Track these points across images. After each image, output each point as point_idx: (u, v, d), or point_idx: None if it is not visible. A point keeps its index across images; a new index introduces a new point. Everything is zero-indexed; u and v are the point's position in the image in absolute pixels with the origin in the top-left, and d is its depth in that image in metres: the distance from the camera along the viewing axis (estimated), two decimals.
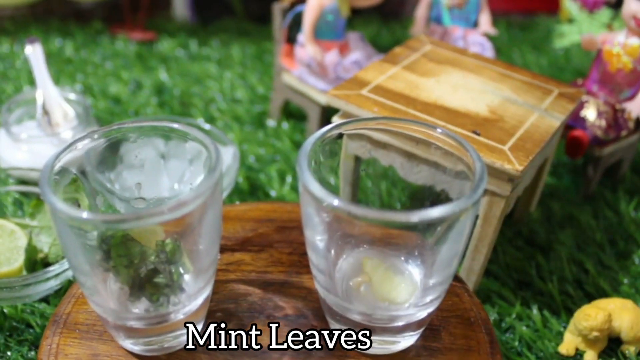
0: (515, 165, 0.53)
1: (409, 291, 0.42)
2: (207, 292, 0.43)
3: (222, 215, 0.48)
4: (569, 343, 0.59)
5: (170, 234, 0.41)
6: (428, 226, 0.39)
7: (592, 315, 0.57)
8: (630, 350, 0.58)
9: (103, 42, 1.05)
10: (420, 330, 0.44)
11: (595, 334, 0.56)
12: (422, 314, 0.42)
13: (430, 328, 0.46)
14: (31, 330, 0.55)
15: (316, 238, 0.41)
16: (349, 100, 0.59)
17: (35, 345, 0.54)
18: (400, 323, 0.42)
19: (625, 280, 0.68)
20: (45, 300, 0.57)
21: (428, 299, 0.42)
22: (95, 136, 0.42)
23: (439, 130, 0.43)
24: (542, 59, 1.18)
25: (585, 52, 1.23)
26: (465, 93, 0.62)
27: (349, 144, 0.54)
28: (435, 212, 0.36)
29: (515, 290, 0.65)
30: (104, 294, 0.41)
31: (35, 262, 0.57)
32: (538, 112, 0.61)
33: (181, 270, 0.42)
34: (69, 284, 0.58)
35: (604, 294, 0.65)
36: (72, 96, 0.71)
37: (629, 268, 0.70)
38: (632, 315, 0.59)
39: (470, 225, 0.39)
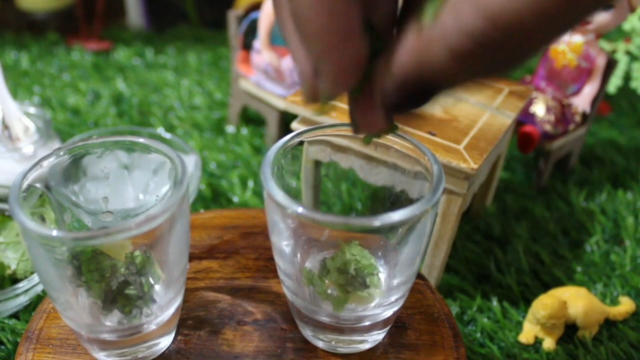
0: (470, 164, 0.55)
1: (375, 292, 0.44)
2: (178, 301, 0.44)
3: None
4: (528, 332, 0.61)
5: (139, 245, 0.42)
6: (390, 229, 0.40)
7: (548, 304, 0.59)
8: (585, 335, 0.61)
9: (59, 53, 1.04)
10: (387, 329, 0.46)
11: (552, 321, 0.59)
12: (388, 312, 0.44)
13: (396, 326, 0.47)
14: (2, 347, 0.55)
15: (282, 244, 0.42)
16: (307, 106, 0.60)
17: None
18: (367, 323, 0.43)
19: (579, 269, 0.71)
20: (15, 316, 0.57)
21: (393, 298, 0.43)
22: (61, 153, 0.43)
23: (398, 135, 0.44)
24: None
25: None
26: None
27: (309, 149, 0.56)
28: (396, 215, 0.37)
29: (475, 284, 0.67)
30: (76, 308, 0.42)
31: (3, 279, 0.57)
32: (490, 111, 0.63)
33: (151, 281, 0.43)
34: (38, 299, 0.59)
35: (560, 283, 0.68)
36: (32, 110, 0.71)
37: (581, 257, 0.73)
38: (586, 302, 0.62)
39: (430, 226, 0.41)
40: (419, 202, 0.38)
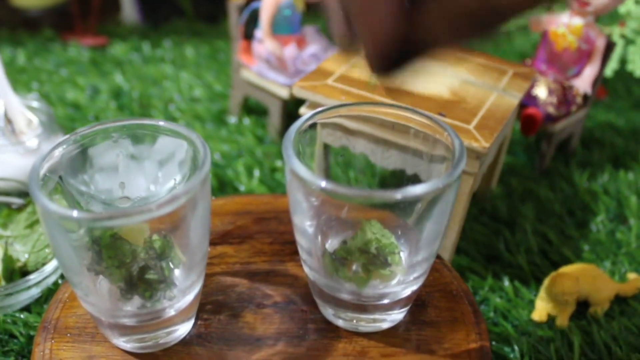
0: (482, 143, 0.55)
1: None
2: (199, 285, 0.44)
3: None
4: (540, 310, 0.61)
5: (156, 229, 0.42)
6: (411, 203, 0.40)
7: (561, 280, 0.60)
8: (597, 311, 0.62)
9: (55, 49, 1.03)
10: (408, 307, 0.46)
11: (565, 297, 0.59)
12: (409, 290, 0.44)
13: (416, 304, 0.47)
14: (15, 341, 0.55)
15: (305, 223, 0.42)
16: (316, 90, 0.60)
17: (21, 354, 0.54)
18: (389, 300, 0.43)
19: (586, 247, 0.71)
20: (26, 309, 0.57)
21: (414, 275, 0.43)
22: (77, 138, 0.43)
23: (415, 112, 0.44)
24: (486, 44, 1.22)
25: (525, 35, 1.27)
26: (426, 77, 0.65)
27: (321, 133, 0.56)
28: (418, 189, 0.37)
29: (486, 265, 0.67)
30: (97, 294, 0.41)
31: (13, 272, 0.56)
32: (497, 92, 0.64)
33: (172, 265, 0.42)
34: (49, 292, 0.58)
35: (568, 262, 0.68)
36: (35, 104, 0.70)
37: (588, 236, 0.73)
38: (596, 279, 0.62)
39: (452, 202, 0.41)
40: (443, 176, 0.38)
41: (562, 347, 0.58)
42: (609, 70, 0.97)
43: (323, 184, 0.37)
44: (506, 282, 0.65)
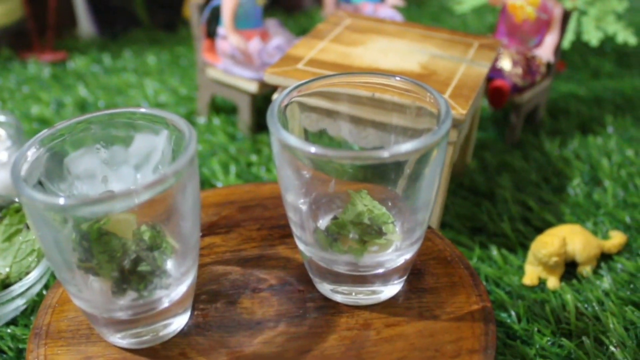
0: (459, 110, 0.55)
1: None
2: (193, 272, 0.43)
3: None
4: (530, 274, 0.62)
5: (144, 221, 0.41)
6: (398, 168, 0.40)
7: (549, 242, 0.60)
8: (586, 269, 0.62)
9: (14, 68, 1.01)
10: (405, 276, 0.46)
11: (554, 259, 0.60)
12: (407, 256, 0.43)
13: (413, 273, 0.47)
14: (4, 356, 0.53)
15: (298, 201, 0.42)
16: (288, 75, 0.60)
17: None
18: (386, 268, 0.43)
19: (567, 211, 0.72)
20: (12, 323, 0.55)
21: (409, 241, 0.43)
22: (55, 132, 0.42)
23: (395, 78, 0.44)
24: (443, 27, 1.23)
25: (479, 16, 1.29)
26: (394, 55, 0.65)
27: (296, 116, 0.55)
28: (405, 146, 0.37)
29: (472, 236, 0.68)
30: (90, 289, 0.40)
31: None
32: (465, 63, 0.64)
33: (164, 255, 0.41)
34: (34, 303, 0.57)
35: (551, 226, 0.69)
36: (2, 118, 0.69)
37: (566, 200, 0.74)
38: (582, 238, 0.63)
39: (442, 164, 0.41)
40: (428, 134, 0.38)
41: (557, 307, 0.58)
42: (566, 42, 0.99)
43: (313, 149, 0.37)
44: (494, 251, 0.65)
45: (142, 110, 0.42)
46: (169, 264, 0.42)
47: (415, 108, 0.45)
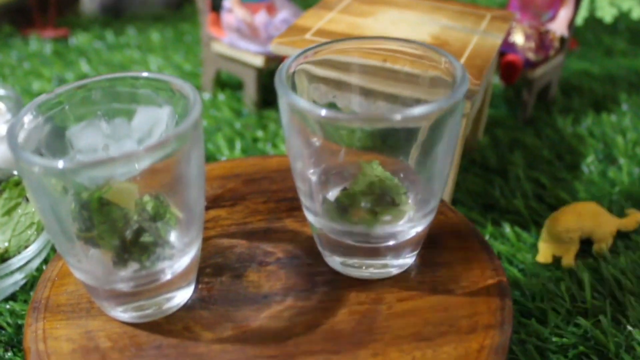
0: (472, 80, 0.53)
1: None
2: (197, 243, 0.41)
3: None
4: (545, 251, 0.60)
5: (146, 191, 0.39)
6: (411, 135, 0.38)
7: (564, 218, 0.58)
8: (602, 247, 0.60)
9: (15, 44, 0.99)
10: (418, 250, 0.44)
11: (570, 235, 0.58)
12: (419, 228, 0.42)
13: (425, 247, 0.46)
14: (3, 332, 0.52)
15: (308, 171, 0.40)
16: (296, 45, 0.58)
17: (10, 345, 0.51)
18: (398, 240, 0.41)
19: (581, 188, 0.70)
20: (11, 298, 0.54)
21: (423, 212, 0.41)
22: (59, 92, 0.40)
23: (409, 42, 0.42)
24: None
25: None
26: (405, 26, 0.63)
27: (304, 88, 0.53)
28: (420, 109, 0.35)
29: (484, 213, 0.66)
30: (90, 259, 0.39)
31: None
32: (478, 34, 0.62)
33: (168, 226, 0.40)
34: (33, 278, 0.55)
35: (565, 203, 0.67)
36: (1, 92, 0.67)
37: (581, 177, 0.72)
38: (597, 215, 0.61)
39: (457, 131, 0.39)
40: (444, 98, 0.36)
41: (572, 285, 0.57)
42: (580, 19, 0.97)
43: (323, 112, 0.35)
44: (507, 228, 0.63)
45: (145, 74, 0.40)
46: (173, 235, 0.40)
47: (428, 78, 0.43)
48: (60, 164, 0.33)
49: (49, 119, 0.40)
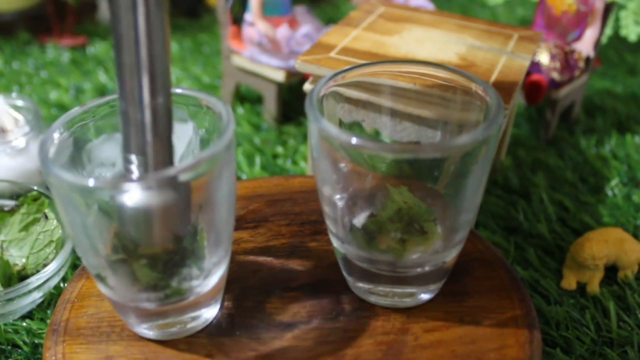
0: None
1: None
2: (225, 265, 0.40)
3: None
4: (569, 278, 0.59)
5: None
6: (443, 162, 0.37)
7: (590, 245, 0.57)
8: (628, 274, 0.59)
9: (33, 52, 0.99)
10: (445, 278, 0.43)
11: (596, 262, 0.57)
12: (447, 257, 0.41)
13: (452, 275, 0.45)
14: (19, 351, 0.51)
15: (335, 196, 0.39)
16: (320, 63, 0.57)
17: None
18: (426, 269, 0.41)
19: (605, 212, 0.69)
20: (28, 316, 0.53)
21: (452, 242, 0.40)
22: (90, 106, 0.39)
23: (440, 67, 0.42)
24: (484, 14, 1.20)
25: (510, 9, 1.25)
26: (431, 45, 0.62)
27: (332, 107, 0.53)
28: (461, 140, 0.34)
29: (507, 237, 0.65)
30: (117, 276, 0.38)
31: (11, 277, 0.52)
32: (506, 55, 0.61)
33: (197, 247, 0.39)
34: (51, 296, 0.54)
35: (589, 228, 0.66)
36: (20, 103, 0.66)
37: (605, 201, 0.71)
38: (624, 241, 0.59)
39: (490, 160, 0.38)
40: (482, 127, 0.35)
41: (597, 314, 0.55)
42: (604, 38, 0.95)
43: (354, 139, 0.34)
44: (530, 253, 0.62)
45: (178, 90, 0.40)
46: (201, 255, 0.39)
47: (460, 102, 0.43)
48: (90, 182, 0.32)
49: (73, 133, 0.40)
